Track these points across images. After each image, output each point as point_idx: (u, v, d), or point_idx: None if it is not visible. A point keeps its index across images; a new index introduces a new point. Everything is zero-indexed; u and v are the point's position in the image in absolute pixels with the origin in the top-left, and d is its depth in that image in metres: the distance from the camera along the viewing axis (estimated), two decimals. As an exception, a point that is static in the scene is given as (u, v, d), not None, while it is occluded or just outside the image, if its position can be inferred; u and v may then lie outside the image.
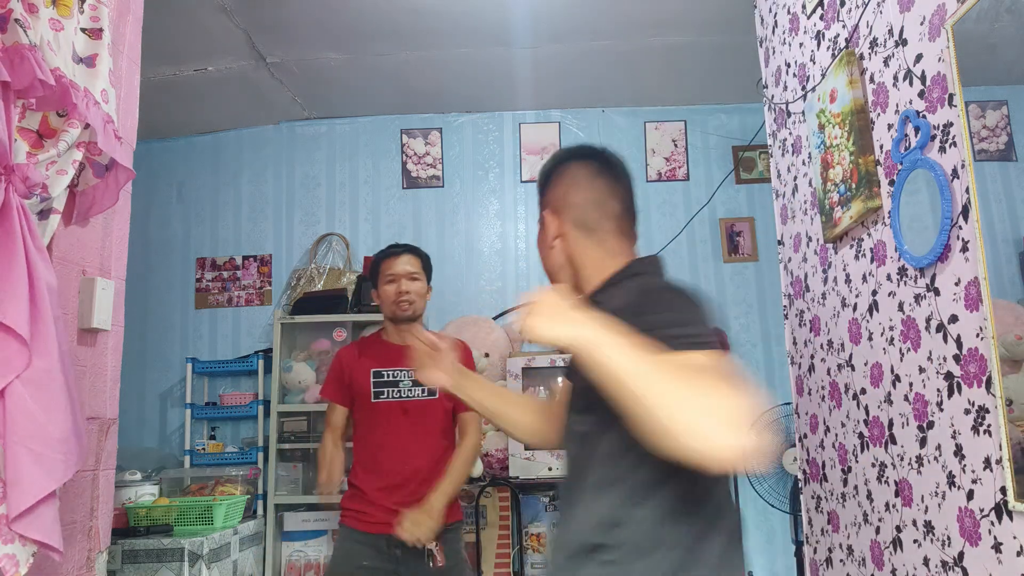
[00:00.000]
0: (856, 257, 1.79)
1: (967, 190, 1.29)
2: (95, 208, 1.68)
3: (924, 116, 1.44)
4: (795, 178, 2.17)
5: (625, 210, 1.27)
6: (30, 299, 1.28)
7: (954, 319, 1.36)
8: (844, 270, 1.86)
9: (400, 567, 2.14)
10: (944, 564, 1.43)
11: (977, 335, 1.29)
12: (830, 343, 1.96)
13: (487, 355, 3.37)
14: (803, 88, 2.07)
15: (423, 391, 2.23)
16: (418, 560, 2.10)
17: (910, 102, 1.50)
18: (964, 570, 1.36)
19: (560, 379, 1.32)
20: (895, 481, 1.62)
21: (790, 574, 3.38)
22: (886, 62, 1.60)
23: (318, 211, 3.95)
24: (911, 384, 1.53)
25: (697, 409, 0.88)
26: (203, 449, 3.53)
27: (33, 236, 1.32)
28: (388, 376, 2.26)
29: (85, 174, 1.65)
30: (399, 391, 2.23)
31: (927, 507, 1.48)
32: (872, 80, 1.67)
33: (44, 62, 1.35)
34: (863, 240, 1.74)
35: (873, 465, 1.73)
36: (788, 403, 3.05)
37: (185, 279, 3.92)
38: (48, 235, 1.49)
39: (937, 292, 1.42)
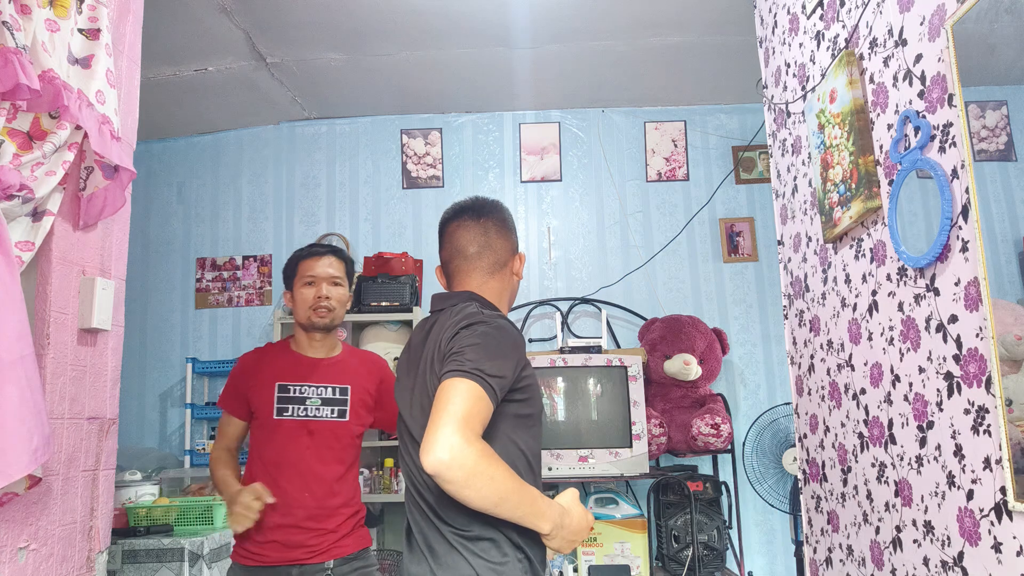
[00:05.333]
0: (856, 257, 1.79)
1: (967, 190, 1.29)
2: (107, 210, 1.68)
3: (924, 116, 1.44)
4: (795, 178, 2.17)
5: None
6: None
7: (954, 319, 1.36)
8: (844, 270, 1.86)
9: None
10: (944, 564, 1.43)
11: (977, 335, 1.29)
12: (830, 343, 1.96)
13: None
14: (803, 88, 2.07)
15: (332, 411, 2.01)
16: None
17: (910, 102, 1.50)
18: (964, 570, 1.36)
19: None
20: (895, 481, 1.62)
21: (790, 574, 3.38)
22: (886, 62, 1.60)
23: (318, 211, 3.95)
24: (911, 384, 1.53)
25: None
26: (203, 449, 3.53)
27: None
28: (294, 392, 1.99)
29: (94, 176, 1.65)
30: (305, 409, 1.98)
31: (927, 507, 1.48)
32: (872, 80, 1.67)
33: (30, 65, 1.35)
34: (863, 240, 1.74)
35: (873, 465, 1.73)
36: (788, 403, 3.05)
37: (185, 279, 3.93)
38: (41, 236, 1.48)
39: (937, 292, 1.42)
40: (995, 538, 1.26)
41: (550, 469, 3.05)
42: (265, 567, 1.95)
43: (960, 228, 1.32)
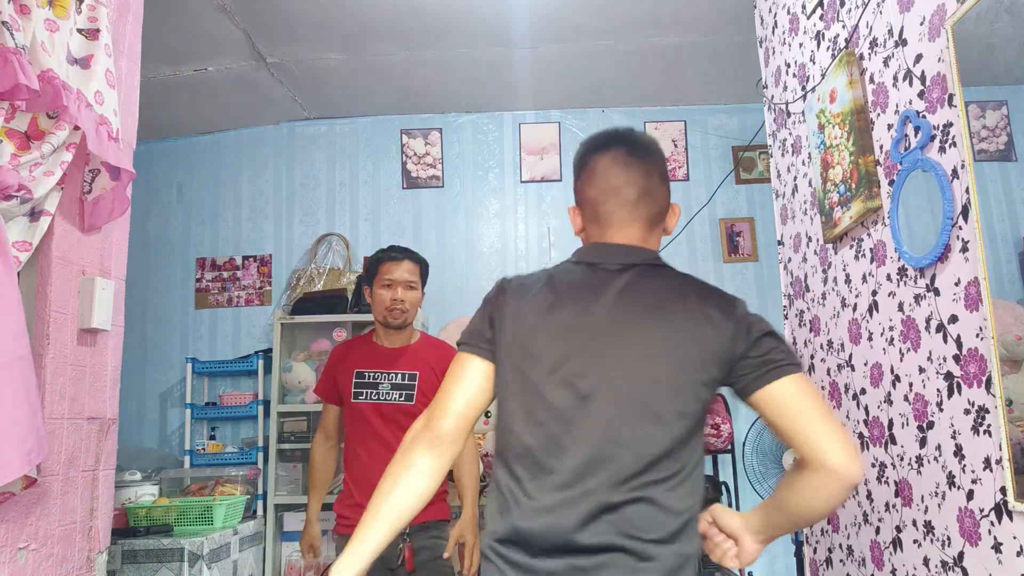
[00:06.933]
0: (856, 257, 1.79)
1: (967, 190, 1.29)
2: (116, 212, 1.68)
3: (924, 116, 1.44)
4: (795, 178, 2.17)
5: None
6: None
7: (954, 319, 1.36)
8: (844, 270, 1.86)
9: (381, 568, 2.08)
10: (944, 564, 1.42)
11: (977, 335, 1.29)
12: (830, 343, 1.96)
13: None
14: (803, 88, 2.07)
15: (400, 395, 2.23)
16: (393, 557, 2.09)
17: (910, 102, 1.50)
18: (964, 570, 1.36)
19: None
20: (895, 481, 1.62)
21: (790, 574, 3.38)
22: (886, 62, 1.60)
23: (318, 211, 3.95)
24: (911, 384, 1.53)
25: None
26: (203, 449, 3.53)
27: None
28: (368, 377, 2.24)
29: (100, 179, 1.65)
30: (377, 393, 2.22)
31: (927, 507, 1.48)
32: (872, 80, 1.67)
33: (30, 65, 1.34)
34: (863, 240, 1.74)
35: (873, 465, 1.73)
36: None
37: (185, 279, 3.92)
38: (39, 236, 1.48)
39: (937, 292, 1.42)
40: (995, 538, 1.26)
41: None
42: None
43: (960, 228, 1.32)
